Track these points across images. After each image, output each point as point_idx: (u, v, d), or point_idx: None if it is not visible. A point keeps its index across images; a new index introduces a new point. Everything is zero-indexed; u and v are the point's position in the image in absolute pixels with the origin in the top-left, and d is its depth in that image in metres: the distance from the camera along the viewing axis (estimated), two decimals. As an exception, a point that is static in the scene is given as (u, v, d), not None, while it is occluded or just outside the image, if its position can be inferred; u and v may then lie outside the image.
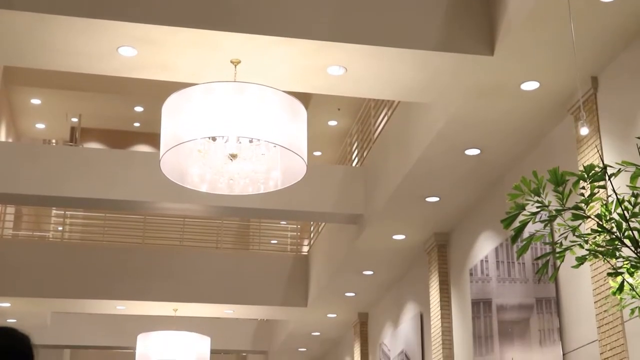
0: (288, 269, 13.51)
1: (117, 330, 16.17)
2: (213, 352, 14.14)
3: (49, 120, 15.96)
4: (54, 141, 16.44)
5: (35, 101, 15.16)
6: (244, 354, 19.47)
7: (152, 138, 15.09)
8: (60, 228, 14.96)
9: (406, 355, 11.47)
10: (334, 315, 13.78)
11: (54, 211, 15.12)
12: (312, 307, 13.24)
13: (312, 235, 14.03)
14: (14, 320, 14.24)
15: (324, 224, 12.68)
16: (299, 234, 15.51)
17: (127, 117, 16.42)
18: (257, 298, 13.34)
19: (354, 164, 12.17)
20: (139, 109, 16.07)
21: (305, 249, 14.52)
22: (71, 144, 15.93)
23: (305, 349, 16.07)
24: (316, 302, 13.00)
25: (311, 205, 10.41)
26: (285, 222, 15.25)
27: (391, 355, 12.13)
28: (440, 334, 9.85)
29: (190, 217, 14.33)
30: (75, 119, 16.17)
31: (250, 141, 6.05)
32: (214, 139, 6.06)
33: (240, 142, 6.03)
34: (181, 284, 13.04)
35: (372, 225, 10.01)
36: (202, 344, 13.46)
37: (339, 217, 10.63)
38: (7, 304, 13.18)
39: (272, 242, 15.53)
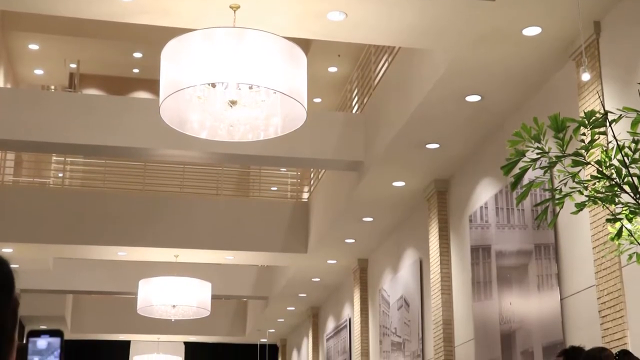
0: (288, 216, 13.57)
1: (118, 276, 16.31)
2: (214, 297, 14.29)
3: (47, 66, 15.85)
4: (52, 87, 16.35)
5: (33, 47, 15.04)
6: (244, 300, 19.67)
7: (152, 84, 15.00)
8: (60, 175, 14.98)
9: (405, 301, 11.59)
10: (334, 262, 13.88)
11: (54, 158, 15.13)
12: (312, 254, 13.33)
13: (312, 182, 14.06)
14: (17, 266, 14.29)
15: (324, 170, 12.69)
16: (299, 180, 15.53)
17: (126, 64, 16.31)
18: (257, 244, 13.42)
19: (354, 111, 12.13)
20: (138, 55, 15.96)
21: (305, 195, 14.56)
22: (70, 90, 15.85)
23: (305, 295, 16.22)
24: (316, 248, 13.09)
25: (311, 152, 10.41)
26: (285, 169, 15.26)
27: (390, 301, 12.26)
28: (440, 279, 9.94)
29: (190, 164, 14.33)
30: (73, 65, 16.06)
31: (250, 87, 6.03)
32: (213, 85, 6.03)
33: (240, 89, 6.01)
34: (182, 230, 13.10)
35: (372, 172, 10.02)
36: (202, 290, 13.60)
37: (339, 164, 10.63)
38: (10, 250, 13.26)
39: (272, 189, 15.56)
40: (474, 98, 8.05)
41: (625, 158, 3.88)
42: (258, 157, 10.39)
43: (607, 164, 3.94)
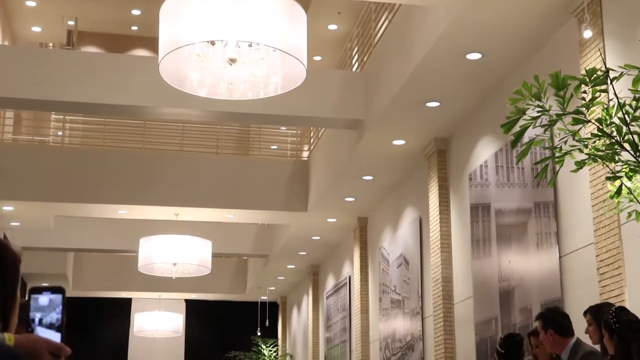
0: (288, 174, 13.58)
1: (119, 234, 16.37)
2: (214, 255, 14.36)
3: (45, 23, 15.73)
4: (50, 45, 16.25)
5: (31, 3, 14.91)
6: (244, 258, 19.77)
7: (150, 42, 14.91)
8: (60, 133, 14.96)
9: (405, 259, 11.65)
10: (334, 220, 13.93)
11: (53, 116, 15.09)
12: (312, 212, 13.37)
13: (312, 140, 14.05)
14: (18, 224, 14.40)
15: (324, 129, 12.67)
16: (299, 139, 15.52)
17: (124, 21, 16.19)
18: (257, 203, 13.46)
19: (354, 69, 12.07)
20: (136, 12, 15.83)
21: (305, 154, 14.55)
22: (68, 47, 15.75)
23: (305, 253, 16.30)
24: (316, 206, 13.12)
25: (311, 111, 10.38)
26: (285, 128, 15.23)
27: (390, 259, 12.32)
28: (439, 238, 9.98)
29: (190, 123, 14.30)
30: (71, 22, 15.94)
31: (250, 45, 5.99)
32: (212, 43, 6.00)
33: (239, 47, 5.97)
34: (182, 188, 13.13)
35: (372, 130, 10.01)
36: (203, 248, 13.67)
37: (339, 123, 10.61)
38: (10, 208, 13.31)
39: (272, 147, 15.55)
40: (474, 56, 8.01)
41: (626, 116, 3.88)
42: (258, 115, 10.36)
43: (608, 122, 3.93)
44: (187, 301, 21.94)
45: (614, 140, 3.89)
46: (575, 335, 4.86)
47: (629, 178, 4.03)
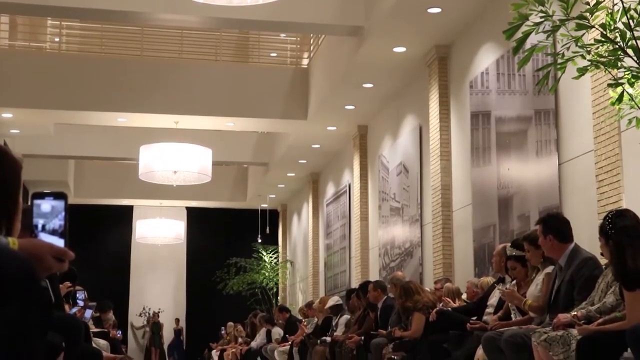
0: (288, 82, 13.50)
1: (120, 142, 16.40)
2: (215, 163, 14.40)
3: None
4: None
5: None
6: (245, 166, 19.84)
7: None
8: (57, 39, 14.78)
9: (405, 167, 11.70)
10: (334, 128, 13.91)
11: (50, 21, 14.87)
12: (312, 120, 13.34)
13: (312, 47, 13.90)
14: (17, 131, 14.40)
15: (323, 36, 12.52)
16: (298, 46, 15.35)
17: None
18: (257, 111, 13.42)
19: (354, -26, 11.84)
20: None
21: (305, 61, 14.42)
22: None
23: (305, 161, 16.34)
24: (316, 114, 13.08)
25: (311, 17, 10.24)
26: (284, 35, 15.04)
27: (390, 167, 12.37)
28: (439, 146, 9.99)
29: (188, 29, 14.12)
30: None
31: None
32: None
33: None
34: (181, 96, 13.07)
35: (372, 37, 9.89)
36: (203, 156, 13.69)
37: (339, 29, 10.47)
38: (9, 115, 13.27)
39: (272, 54, 15.39)
40: (478, -40, 7.84)
41: (631, 21, 3.83)
42: (257, 21, 10.23)
43: (612, 28, 3.88)
44: (188, 209, 22.14)
45: (617, 46, 3.84)
46: (574, 242, 4.92)
47: (631, 84, 4.00)
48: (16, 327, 1.56)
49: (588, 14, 3.89)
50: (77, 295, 6.07)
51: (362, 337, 8.32)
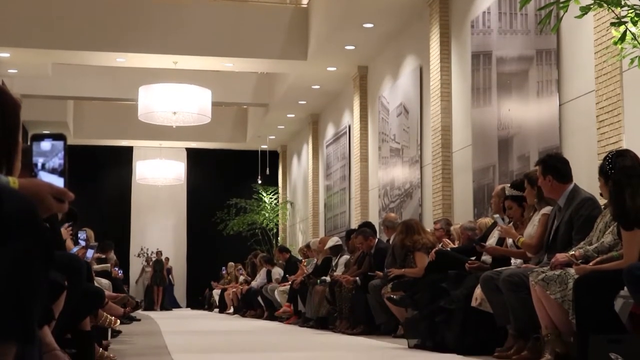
0: (287, 22, 13.36)
1: (118, 83, 16.31)
2: (214, 104, 14.36)
3: None
4: None
5: None
6: (244, 107, 19.77)
7: None
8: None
9: (405, 108, 11.66)
10: (334, 69, 13.82)
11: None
12: (312, 60, 13.25)
13: (311, -14, 13.73)
14: (15, 71, 14.31)
15: (323, -26, 12.36)
16: (298, -15, 15.16)
17: None
18: (256, 51, 13.31)
19: None
20: None
21: (305, 0, 14.26)
22: None
23: (305, 102, 16.28)
24: (316, 55, 12.99)
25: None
26: (284, -27, 14.85)
27: (390, 108, 12.33)
28: (439, 86, 9.94)
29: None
30: None
31: None
32: None
33: None
34: (179, 36, 12.95)
35: (373, -25, 9.76)
36: (203, 96, 13.64)
37: (339, -33, 10.34)
38: (7, 54, 13.17)
39: (271, -7, 15.20)
40: None
41: (635, -41, 3.77)
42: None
43: (616, -35, 3.83)
44: (188, 150, 22.14)
45: (621, -15, 3.80)
46: (573, 182, 4.91)
47: (634, 23, 3.96)
48: (19, 264, 1.57)
49: (592, -49, 3.83)
50: (79, 235, 6.10)
51: (357, 278, 8.37)
